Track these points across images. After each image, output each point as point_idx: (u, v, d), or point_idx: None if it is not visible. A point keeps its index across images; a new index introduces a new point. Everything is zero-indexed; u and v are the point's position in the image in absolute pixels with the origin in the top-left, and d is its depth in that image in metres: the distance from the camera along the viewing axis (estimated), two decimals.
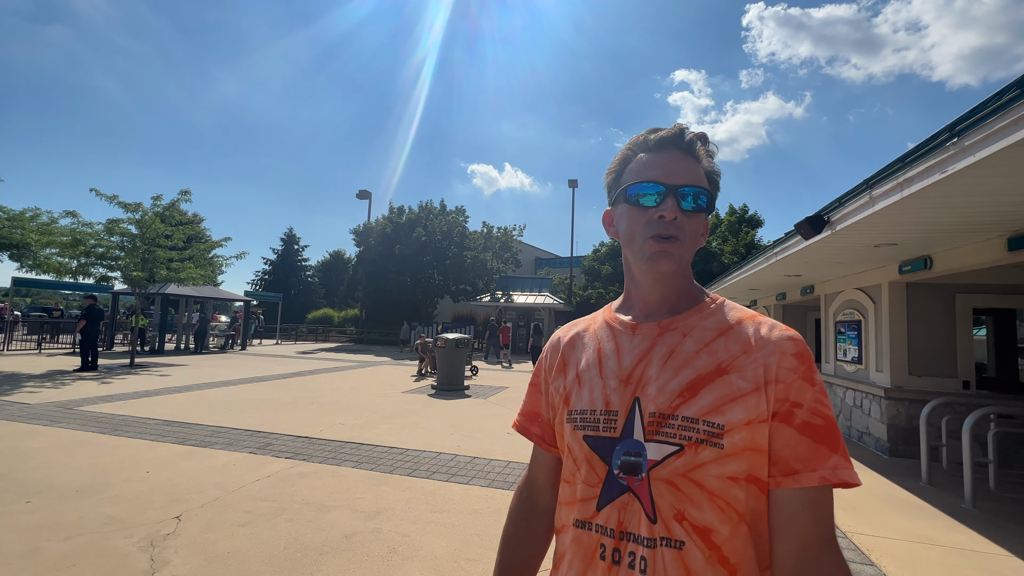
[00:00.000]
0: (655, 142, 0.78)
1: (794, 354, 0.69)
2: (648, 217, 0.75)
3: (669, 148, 0.77)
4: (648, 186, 0.75)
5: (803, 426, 0.66)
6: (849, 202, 3.81)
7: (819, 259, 5.98)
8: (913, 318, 6.05)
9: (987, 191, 3.01)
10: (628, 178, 0.79)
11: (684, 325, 0.76)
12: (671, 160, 0.76)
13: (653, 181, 0.75)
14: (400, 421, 6.82)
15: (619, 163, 0.82)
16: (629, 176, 0.79)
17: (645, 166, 0.77)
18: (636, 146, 0.80)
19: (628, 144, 0.82)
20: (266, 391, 9.00)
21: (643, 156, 0.78)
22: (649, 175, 0.76)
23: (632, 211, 0.77)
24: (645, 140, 0.79)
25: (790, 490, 0.66)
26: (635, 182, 0.77)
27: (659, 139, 0.78)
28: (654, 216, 0.74)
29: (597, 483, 0.73)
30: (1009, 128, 2.16)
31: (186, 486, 3.95)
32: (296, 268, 40.72)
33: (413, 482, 4.27)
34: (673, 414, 0.69)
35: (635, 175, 0.78)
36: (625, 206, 0.79)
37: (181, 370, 11.83)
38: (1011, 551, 3.34)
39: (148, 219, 12.76)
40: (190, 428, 5.88)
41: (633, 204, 0.77)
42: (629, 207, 0.78)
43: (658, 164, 0.76)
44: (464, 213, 26.61)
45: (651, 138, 0.79)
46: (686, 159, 0.77)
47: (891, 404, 5.94)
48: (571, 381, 0.82)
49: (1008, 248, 4.16)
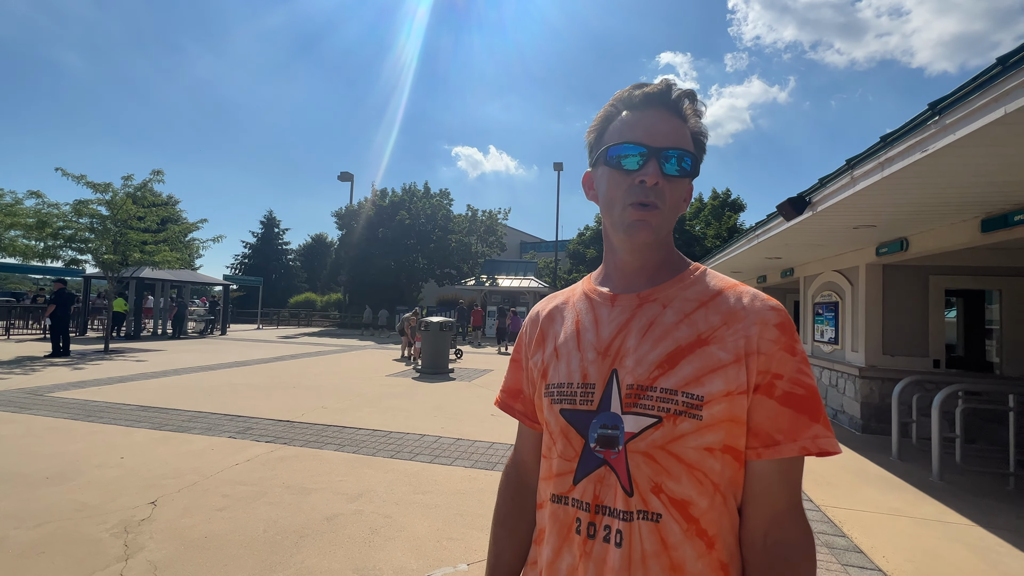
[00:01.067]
0: (640, 99, 0.72)
1: (776, 324, 0.67)
2: (629, 182, 0.70)
3: (654, 106, 0.72)
4: (630, 147, 0.70)
5: (784, 397, 0.65)
6: (831, 183, 3.83)
7: (800, 241, 6.05)
8: (888, 299, 6.19)
9: (965, 171, 3.04)
10: (610, 137, 0.74)
11: (664, 296, 0.73)
12: (656, 119, 0.71)
13: (635, 142, 0.70)
14: (383, 404, 6.78)
15: (601, 120, 0.77)
16: (611, 136, 0.74)
17: (628, 125, 0.72)
18: (620, 102, 0.75)
19: (612, 99, 0.76)
20: (246, 376, 8.86)
21: (627, 114, 0.73)
22: (631, 135, 0.71)
23: (612, 174, 0.73)
24: (630, 96, 0.74)
25: (768, 461, 0.65)
26: (616, 142, 0.72)
27: (644, 96, 0.72)
28: (635, 181, 0.70)
29: (573, 457, 0.71)
30: (990, 105, 2.16)
31: (162, 471, 3.87)
32: (277, 252, 39.91)
33: (396, 464, 4.26)
34: (651, 386, 0.67)
35: (617, 135, 0.73)
36: (605, 168, 0.74)
37: (158, 355, 11.57)
38: (975, 521, 3.48)
39: (119, 200, 12.31)
40: (167, 413, 5.76)
41: (613, 167, 0.72)
42: (609, 170, 0.73)
43: (642, 123, 0.71)
44: (448, 196, 26.31)
45: (636, 94, 0.73)
46: (672, 118, 0.72)
47: (865, 383, 6.11)
48: (549, 354, 0.79)
49: (982, 230, 4.24)
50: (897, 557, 2.91)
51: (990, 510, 3.69)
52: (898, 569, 2.77)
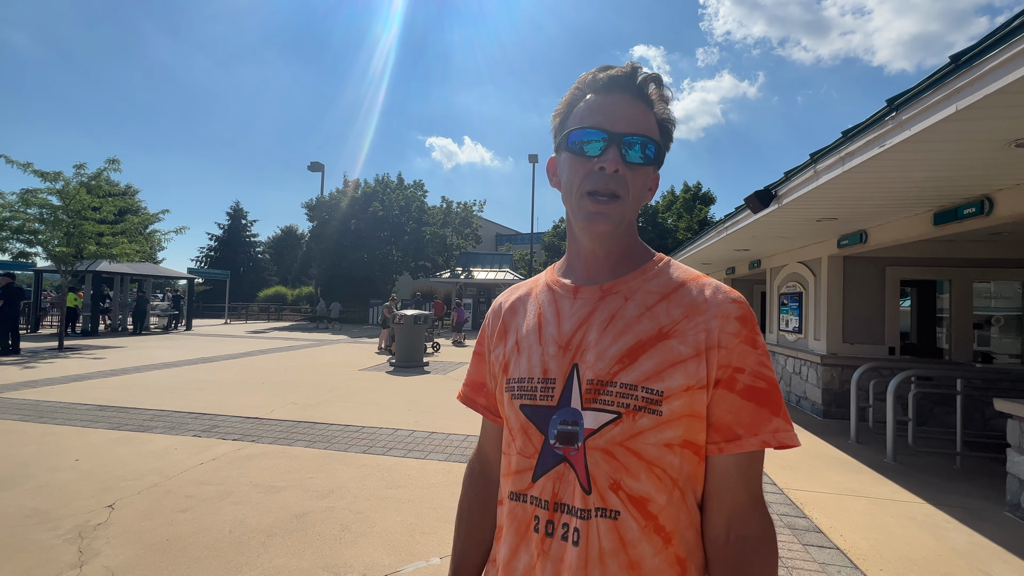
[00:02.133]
0: (604, 82, 0.70)
1: (737, 317, 0.66)
2: (588, 168, 0.68)
3: (619, 90, 0.69)
4: (591, 132, 0.68)
5: (745, 390, 0.65)
6: (795, 176, 3.93)
7: (766, 234, 6.22)
8: (849, 290, 6.44)
9: (920, 165, 3.17)
10: (572, 122, 0.71)
11: (626, 288, 0.72)
12: (619, 104, 0.69)
13: (596, 127, 0.68)
14: (357, 399, 6.68)
15: (566, 104, 0.74)
16: (574, 120, 0.71)
17: (590, 110, 0.69)
18: (585, 85, 0.72)
19: (577, 82, 0.74)
20: (212, 372, 8.58)
21: (591, 98, 0.70)
22: (592, 120, 0.68)
23: (572, 160, 0.70)
24: (594, 79, 0.71)
25: (729, 455, 0.65)
26: (577, 127, 0.70)
27: (609, 79, 0.70)
28: (594, 167, 0.68)
29: (533, 454, 0.69)
30: (942, 102, 2.25)
31: (121, 473, 3.71)
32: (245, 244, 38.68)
33: (369, 459, 4.20)
34: (611, 380, 0.65)
35: (579, 119, 0.70)
36: (566, 154, 0.72)
37: (117, 352, 11.08)
38: (924, 499, 3.68)
39: (72, 190, 11.66)
40: (126, 412, 5.52)
41: (575, 152, 0.70)
42: (570, 156, 0.71)
43: (604, 108, 0.69)
44: (423, 187, 25.97)
45: (600, 77, 0.70)
46: (636, 103, 0.69)
47: (826, 370, 6.35)
48: (510, 348, 0.77)
49: (934, 222, 4.44)
50: (854, 535, 3.05)
51: (939, 488, 3.90)
52: (854, 547, 2.91)
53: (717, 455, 0.65)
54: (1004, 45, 1.90)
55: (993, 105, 2.15)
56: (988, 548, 2.95)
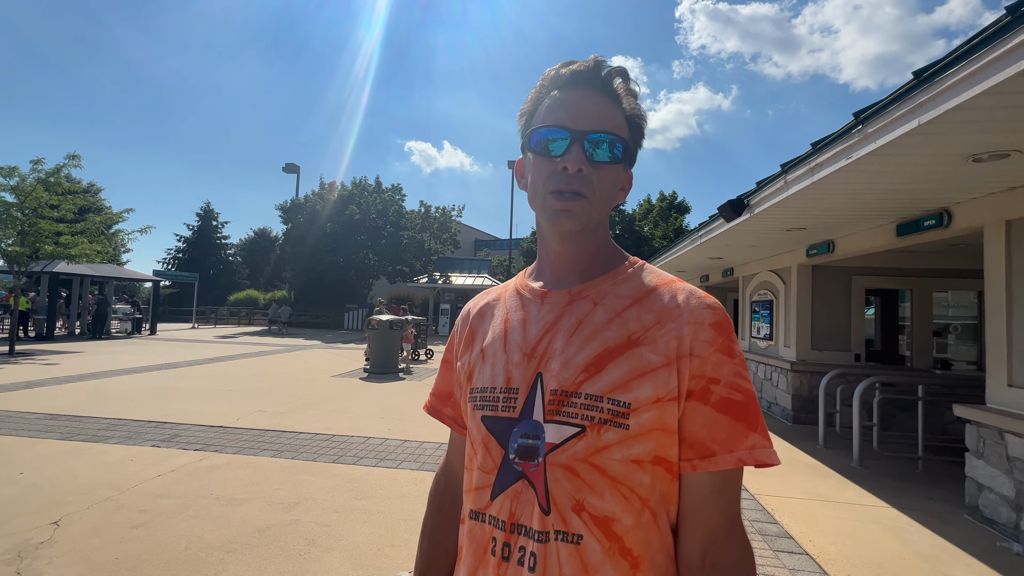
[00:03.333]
0: (567, 77, 0.67)
1: (711, 324, 0.62)
2: (552, 168, 0.65)
3: (582, 85, 0.66)
4: (553, 131, 0.65)
5: (720, 403, 0.60)
6: (767, 186, 4.02)
7: (739, 242, 6.34)
8: (817, 298, 6.61)
9: (884, 177, 3.27)
10: (537, 120, 0.68)
11: (596, 292, 0.68)
12: (583, 100, 0.65)
13: (558, 125, 0.64)
14: (328, 406, 6.50)
15: (532, 102, 0.71)
16: (538, 118, 0.68)
17: (553, 107, 0.66)
18: (550, 81, 0.69)
19: (542, 78, 0.70)
20: (176, 379, 8.24)
21: (556, 94, 0.67)
22: (555, 118, 0.65)
23: (536, 161, 0.67)
24: (558, 75, 0.68)
25: (703, 473, 0.60)
26: (540, 126, 0.66)
27: (572, 74, 0.67)
28: (557, 167, 0.64)
29: (492, 469, 0.65)
30: (906, 116, 2.31)
31: (69, 487, 3.49)
32: (215, 246, 37.53)
33: (338, 469, 4.07)
34: (576, 391, 0.61)
35: (542, 117, 0.67)
36: (531, 154, 0.69)
37: (73, 358, 10.55)
38: (888, 503, 3.77)
39: (27, 186, 11.10)
40: (80, 422, 5.23)
41: (539, 152, 0.67)
42: (534, 156, 0.67)
43: (567, 105, 0.65)
44: (401, 191, 25.75)
45: (563, 72, 0.67)
46: (601, 98, 0.66)
47: (796, 376, 6.50)
48: (475, 356, 0.73)
49: (897, 234, 4.60)
50: (822, 540, 3.09)
51: (902, 492, 4.01)
52: (823, 552, 2.94)
53: (691, 473, 0.61)
54: (963, 63, 1.96)
55: (952, 120, 2.22)
56: (949, 551, 3.03)
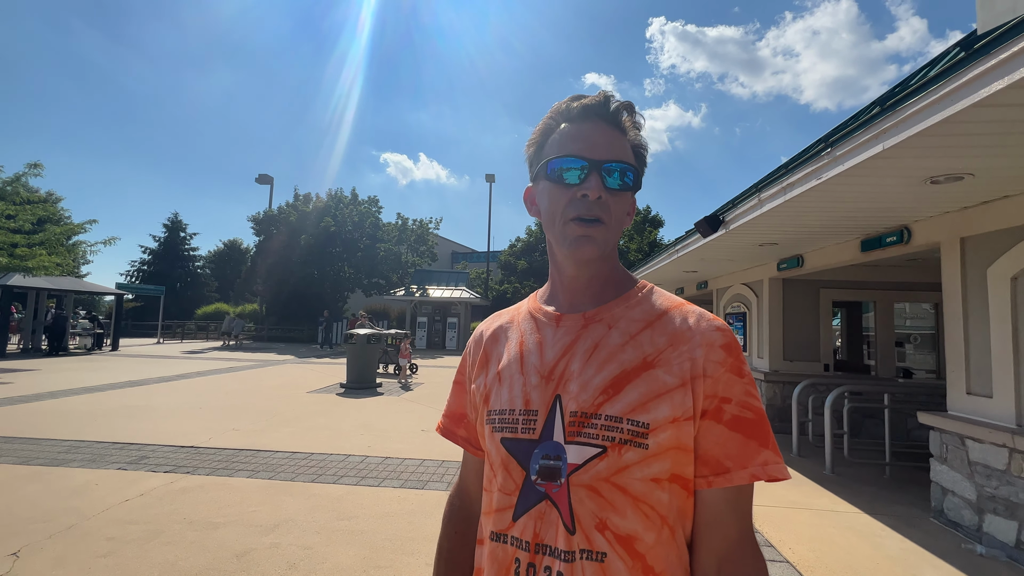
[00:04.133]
0: (578, 111, 0.71)
1: (722, 346, 0.66)
2: (570, 196, 0.68)
3: (593, 118, 0.70)
4: (571, 160, 0.68)
5: (733, 421, 0.63)
6: (741, 203, 4.18)
7: (713, 256, 6.54)
8: (788, 310, 6.86)
9: (850, 197, 3.45)
10: (550, 151, 0.72)
11: (610, 316, 0.71)
12: (595, 132, 0.69)
13: (576, 155, 0.68)
14: (305, 424, 6.33)
15: (540, 134, 0.75)
16: (551, 149, 0.72)
17: (568, 138, 0.70)
18: (559, 115, 0.73)
19: (550, 112, 0.75)
20: (142, 397, 7.89)
21: (566, 127, 0.71)
22: (572, 148, 0.69)
23: (553, 189, 0.70)
24: (568, 108, 0.72)
25: (718, 490, 0.63)
26: (556, 156, 0.70)
27: (583, 108, 0.71)
28: (576, 195, 0.68)
29: (514, 491, 0.66)
30: (871, 141, 2.47)
31: (29, 515, 3.30)
32: (182, 258, 36.26)
33: (318, 488, 3.97)
34: (596, 413, 0.64)
35: (557, 147, 0.71)
36: (546, 183, 0.72)
37: (28, 376, 9.98)
38: (861, 509, 3.90)
39: None
40: (38, 444, 4.95)
41: (555, 181, 0.70)
42: (550, 184, 0.71)
43: (581, 136, 0.69)
44: (377, 203, 25.51)
45: (574, 106, 0.71)
46: (611, 131, 0.70)
47: (770, 386, 6.69)
48: (491, 378, 0.75)
49: (861, 249, 4.84)
50: (801, 548, 3.18)
51: (873, 497, 4.16)
52: (802, 559, 3.03)
53: (706, 489, 0.63)
54: (923, 93, 2.12)
55: (914, 145, 2.38)
56: (918, 554, 3.15)
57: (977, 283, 3.56)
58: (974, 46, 1.87)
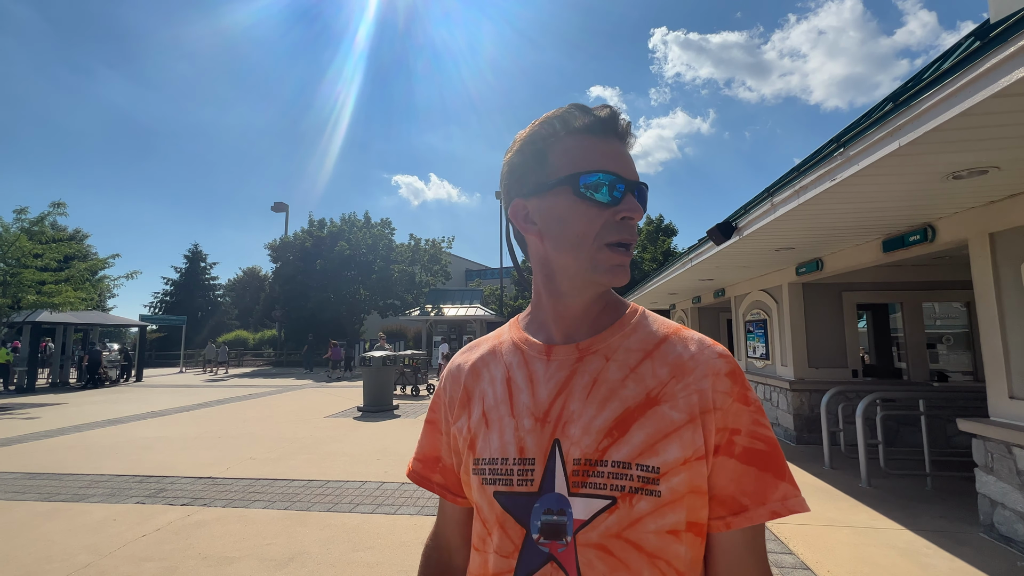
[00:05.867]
0: (596, 124, 0.62)
1: (727, 374, 0.60)
2: (606, 217, 0.60)
3: (612, 134, 0.63)
4: (609, 178, 0.60)
5: (745, 454, 0.58)
6: (754, 209, 4.07)
7: (729, 264, 6.39)
8: (810, 315, 6.64)
9: (867, 197, 3.33)
10: (565, 163, 0.61)
11: (606, 347, 0.63)
12: (620, 149, 0.63)
13: (612, 172, 0.60)
14: (321, 450, 6.29)
15: (541, 140, 0.64)
16: (565, 160, 0.61)
17: (596, 153, 0.61)
18: (561, 123, 0.63)
19: (546, 119, 0.64)
20: (162, 427, 7.97)
21: (584, 139, 0.62)
22: (604, 164, 0.60)
23: (584, 207, 0.60)
24: (580, 119, 0.62)
25: (736, 531, 0.57)
26: (589, 170, 0.60)
27: (600, 121, 0.62)
28: (615, 217, 0.60)
29: (512, 552, 0.58)
30: (886, 139, 2.37)
31: (46, 554, 3.29)
32: (203, 287, 37.18)
33: (334, 518, 3.90)
34: (601, 459, 0.56)
35: (582, 162, 0.61)
36: (571, 199, 0.61)
37: (55, 410, 10.19)
38: (903, 524, 3.67)
39: (10, 236, 10.98)
40: (59, 480, 4.99)
41: (585, 199, 0.60)
42: (580, 201, 0.60)
43: (610, 153, 0.61)
44: (390, 225, 25.85)
45: (588, 120, 0.62)
46: (626, 149, 0.64)
47: (796, 395, 6.45)
48: (476, 421, 0.66)
49: (883, 249, 4.67)
50: (840, 570, 2.98)
51: (914, 512, 3.92)
52: None
53: (724, 532, 0.57)
54: (937, 87, 2.02)
55: (931, 141, 2.28)
56: (970, 574, 2.93)
57: (1011, 280, 3.38)
58: (989, 35, 1.78)
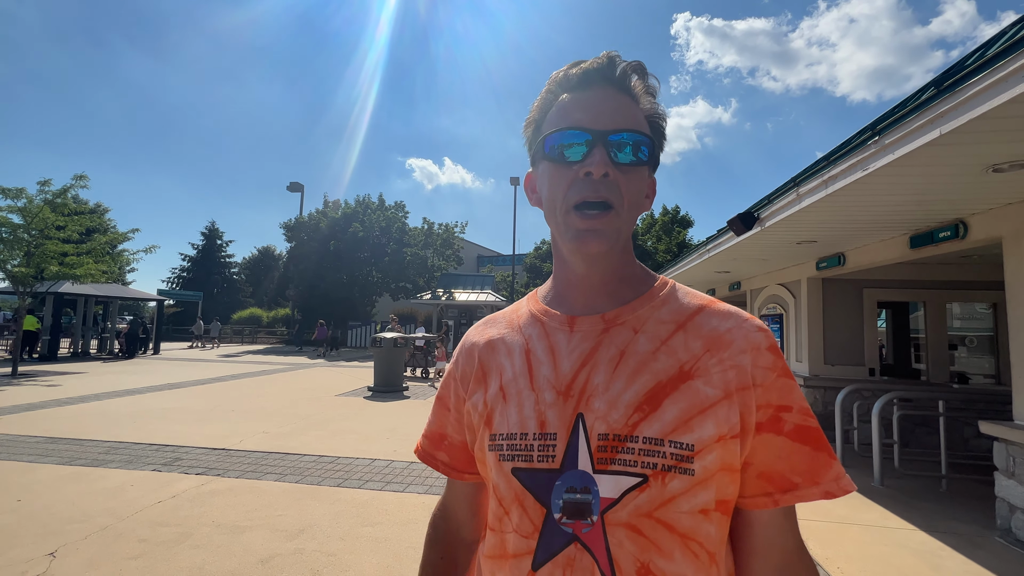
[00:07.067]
0: (579, 77, 0.60)
1: (768, 348, 0.57)
2: (572, 176, 0.57)
3: (597, 84, 0.59)
4: (571, 134, 0.57)
5: (796, 432, 0.55)
6: (778, 199, 3.96)
7: (747, 256, 6.27)
8: (828, 311, 6.51)
9: (900, 189, 3.21)
10: (548, 126, 0.61)
11: (634, 318, 0.60)
12: (601, 99, 0.58)
13: (576, 127, 0.57)
14: (332, 427, 6.39)
15: (538, 110, 0.63)
16: (549, 124, 0.61)
17: (566, 109, 0.59)
18: (557, 84, 0.62)
19: (548, 83, 0.63)
20: (178, 399, 8.15)
21: (566, 97, 0.60)
22: (571, 120, 0.58)
23: (552, 169, 0.59)
24: (567, 76, 0.61)
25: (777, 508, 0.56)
26: (554, 130, 0.59)
27: (583, 73, 0.60)
28: (579, 174, 0.57)
29: (532, 532, 0.55)
30: (926, 127, 2.26)
31: (68, 515, 3.39)
32: (219, 264, 37.71)
33: (343, 493, 3.95)
34: (631, 435, 0.53)
35: (555, 121, 0.60)
36: (545, 163, 0.60)
37: (76, 379, 10.47)
38: (916, 525, 3.61)
39: (35, 207, 11.18)
40: (81, 445, 5.14)
41: (554, 160, 0.59)
42: (549, 164, 0.60)
43: (583, 105, 0.58)
44: (404, 209, 25.86)
45: (573, 72, 0.60)
46: (619, 96, 0.59)
47: (810, 391, 6.35)
48: (493, 395, 0.63)
49: (910, 246, 4.52)
50: (852, 567, 2.95)
51: (929, 513, 3.85)
52: None
53: (769, 509, 0.56)
54: (987, 71, 1.91)
55: (976, 130, 2.17)
56: None
57: None
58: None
